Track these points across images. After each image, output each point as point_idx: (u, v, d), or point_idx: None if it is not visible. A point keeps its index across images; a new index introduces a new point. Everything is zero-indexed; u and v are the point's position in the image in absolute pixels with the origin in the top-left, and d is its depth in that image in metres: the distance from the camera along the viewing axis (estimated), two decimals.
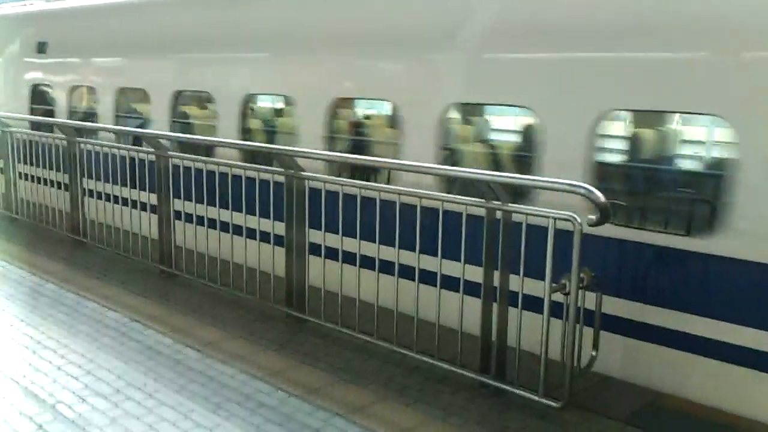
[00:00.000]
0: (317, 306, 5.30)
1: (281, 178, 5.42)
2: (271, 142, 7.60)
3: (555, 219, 3.94)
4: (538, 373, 4.07)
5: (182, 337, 5.15)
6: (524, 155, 5.52)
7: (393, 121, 6.47)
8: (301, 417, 4.01)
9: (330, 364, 4.74)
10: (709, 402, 4.34)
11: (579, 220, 3.83)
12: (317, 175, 5.40)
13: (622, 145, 5.78)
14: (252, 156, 6.79)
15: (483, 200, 4.29)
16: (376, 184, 4.89)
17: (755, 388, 4.34)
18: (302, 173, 5.37)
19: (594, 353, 4.35)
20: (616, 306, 4.63)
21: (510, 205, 4.21)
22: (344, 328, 5.07)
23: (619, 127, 5.84)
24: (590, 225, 3.82)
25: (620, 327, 4.73)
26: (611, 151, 5.66)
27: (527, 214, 4.12)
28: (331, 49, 6.70)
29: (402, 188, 4.78)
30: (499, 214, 4.23)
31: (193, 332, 5.25)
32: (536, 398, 4.07)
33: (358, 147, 7.07)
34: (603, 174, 5.02)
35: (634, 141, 5.75)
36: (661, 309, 4.66)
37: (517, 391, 4.18)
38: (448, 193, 5.25)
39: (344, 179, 5.19)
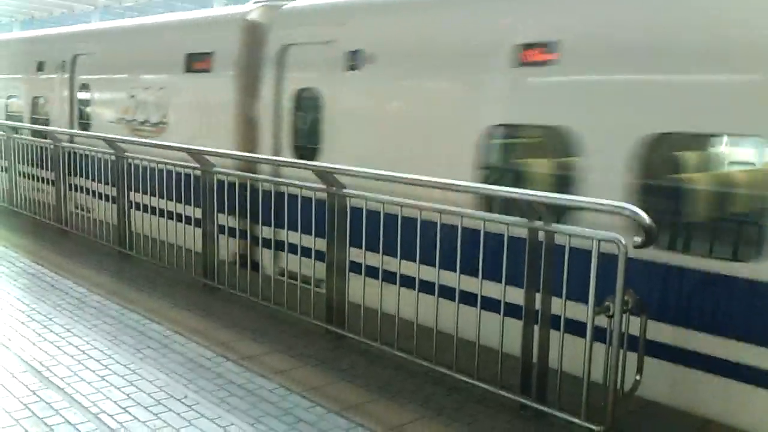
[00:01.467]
0: (357, 323, 5.30)
1: (323, 195, 5.47)
2: None
3: (599, 241, 3.90)
4: (579, 397, 4.00)
5: (223, 350, 5.20)
6: None
7: None
8: None
9: (368, 381, 4.74)
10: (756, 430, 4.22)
11: (624, 241, 3.78)
12: (358, 192, 5.43)
13: None
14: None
15: (525, 220, 4.26)
16: (417, 202, 4.88)
17: None
18: (343, 191, 5.40)
19: (638, 377, 4.26)
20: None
21: (553, 225, 4.17)
22: (384, 345, 5.06)
23: None
24: (635, 247, 3.76)
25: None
26: None
27: (570, 234, 4.07)
28: None
29: (443, 206, 4.78)
30: (541, 235, 4.20)
31: (234, 346, 5.30)
32: (578, 422, 4.00)
33: None
34: None
35: None
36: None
37: (559, 414, 4.11)
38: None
39: (385, 196, 5.20)
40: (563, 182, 5.20)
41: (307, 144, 7.30)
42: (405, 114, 6.45)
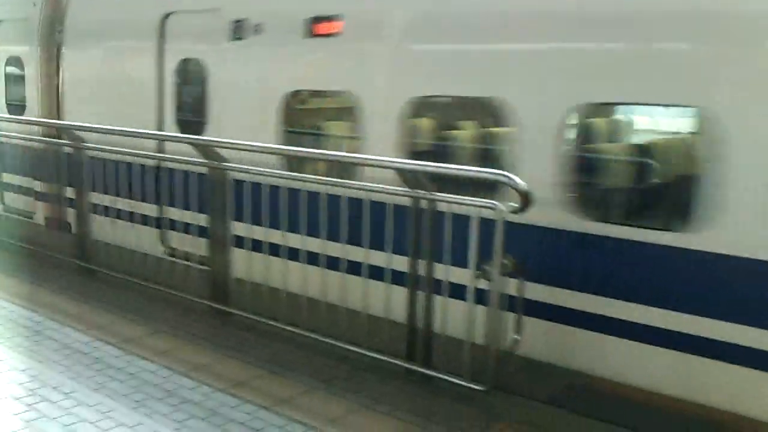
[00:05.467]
0: (242, 299, 5.22)
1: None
2: None
3: (479, 207, 4.00)
4: (464, 359, 4.13)
5: (101, 334, 4.98)
6: None
7: None
8: (225, 411, 3.94)
9: (256, 357, 4.68)
10: (627, 381, 4.50)
11: (502, 207, 3.90)
12: (240, 166, 5.31)
13: None
14: None
15: (407, 189, 4.30)
16: (301, 175, 4.85)
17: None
18: (224, 164, 5.27)
19: (517, 337, 4.44)
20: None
21: (435, 194, 4.24)
22: (270, 319, 5.02)
23: None
24: (512, 212, 3.89)
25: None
26: None
27: (451, 202, 4.16)
28: None
29: (326, 179, 4.75)
30: (424, 203, 4.26)
31: (113, 329, 5.09)
32: (463, 383, 4.13)
33: None
34: None
35: None
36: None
37: (443, 377, 4.22)
38: None
39: (268, 170, 5.11)
40: (349, 141, 5.90)
41: (191, 118, 7.08)
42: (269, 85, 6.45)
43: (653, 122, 5.33)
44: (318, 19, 5.90)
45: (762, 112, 4.09)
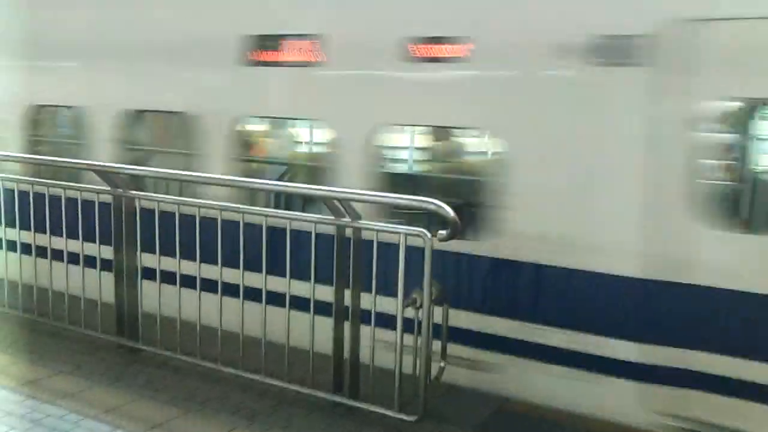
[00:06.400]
0: (152, 334, 4.95)
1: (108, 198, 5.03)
2: None
3: (406, 235, 3.99)
4: (391, 389, 4.08)
5: None
6: None
7: None
8: None
9: (171, 396, 4.44)
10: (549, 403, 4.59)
11: (429, 235, 3.90)
12: (149, 194, 5.08)
13: None
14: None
15: (332, 217, 4.24)
16: (217, 203, 4.67)
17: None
18: (131, 192, 5.02)
19: (443, 364, 4.45)
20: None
21: (360, 222, 4.20)
22: (184, 355, 4.78)
23: None
24: (441, 240, 3.90)
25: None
26: None
27: (378, 230, 4.13)
28: None
29: (246, 207, 4.61)
30: (349, 231, 4.21)
31: (10, 371, 4.70)
32: (391, 414, 4.08)
33: None
34: None
35: None
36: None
37: (372, 408, 4.16)
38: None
39: (181, 198, 4.91)
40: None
41: None
42: None
43: None
44: None
45: None
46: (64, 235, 5.25)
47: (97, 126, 6.56)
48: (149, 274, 4.98)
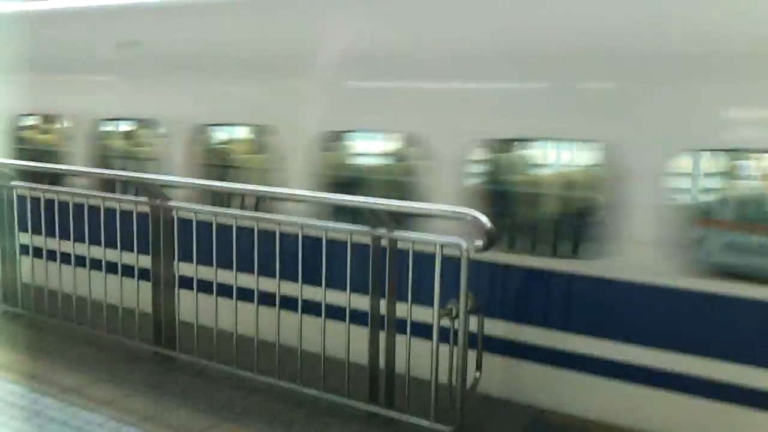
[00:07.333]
0: (188, 342, 5.00)
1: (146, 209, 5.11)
2: None
3: (442, 245, 3.99)
4: (426, 400, 4.07)
5: (38, 384, 4.66)
6: None
7: None
8: None
9: (208, 405, 4.48)
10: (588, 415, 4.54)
11: (465, 245, 3.89)
12: (186, 205, 5.14)
13: None
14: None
15: (368, 227, 4.25)
16: (253, 213, 4.72)
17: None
18: (169, 203, 5.09)
19: (477, 374, 4.42)
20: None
21: (395, 232, 4.20)
22: (220, 364, 4.82)
23: None
24: (477, 251, 3.89)
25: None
26: None
27: (413, 240, 4.13)
28: None
29: (281, 216, 4.65)
30: (385, 242, 4.21)
31: (51, 378, 4.78)
32: (428, 424, 4.06)
33: None
34: None
35: None
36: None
37: (408, 419, 4.15)
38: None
39: (216, 208, 4.96)
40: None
41: None
42: None
43: None
44: None
45: None
46: (103, 245, 5.34)
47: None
48: (186, 283, 5.05)
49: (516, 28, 4.93)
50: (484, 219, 3.85)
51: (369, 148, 5.86)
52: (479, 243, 3.87)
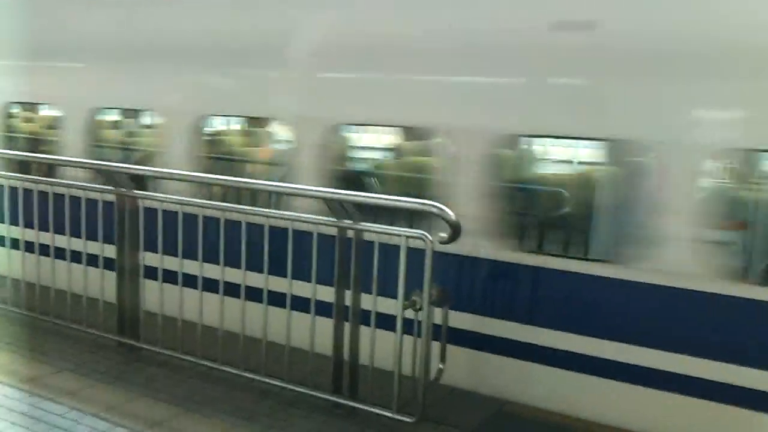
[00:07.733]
0: (153, 333, 4.97)
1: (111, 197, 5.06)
2: None
3: (407, 237, 4.01)
4: (390, 391, 4.09)
5: None
6: None
7: None
8: None
9: (171, 395, 4.46)
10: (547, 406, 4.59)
11: (430, 238, 3.92)
12: (151, 194, 5.10)
13: None
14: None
15: (334, 219, 4.26)
16: (220, 203, 4.69)
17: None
18: (134, 192, 5.04)
19: (441, 366, 4.45)
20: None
21: (362, 223, 4.21)
22: (184, 354, 4.80)
23: None
24: (442, 243, 3.91)
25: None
26: None
27: (379, 232, 4.15)
28: None
29: (248, 208, 4.63)
30: (351, 233, 4.22)
31: (12, 368, 4.72)
32: (390, 415, 4.09)
33: None
34: None
35: None
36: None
37: (371, 409, 4.17)
38: None
39: (182, 198, 4.92)
40: None
41: None
42: None
43: None
44: None
45: None
46: (67, 234, 5.28)
47: None
48: (151, 273, 5.02)
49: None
50: (449, 212, 3.87)
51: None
52: (443, 235, 3.90)
